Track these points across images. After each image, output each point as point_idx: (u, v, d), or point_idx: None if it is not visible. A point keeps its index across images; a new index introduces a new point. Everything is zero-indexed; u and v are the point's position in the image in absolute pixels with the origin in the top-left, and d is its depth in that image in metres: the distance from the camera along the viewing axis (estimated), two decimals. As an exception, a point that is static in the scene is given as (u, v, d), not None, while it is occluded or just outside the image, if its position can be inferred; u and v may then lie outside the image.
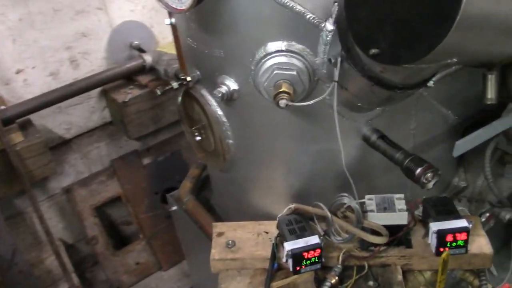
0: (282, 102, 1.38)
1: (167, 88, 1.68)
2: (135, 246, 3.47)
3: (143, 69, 3.14)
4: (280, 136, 1.67)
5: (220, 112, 1.68)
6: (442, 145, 1.95)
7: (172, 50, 3.28)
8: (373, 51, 1.24)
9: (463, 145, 1.58)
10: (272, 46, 1.45)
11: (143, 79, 3.16)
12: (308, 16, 1.39)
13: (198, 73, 1.69)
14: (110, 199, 3.38)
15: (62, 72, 3.07)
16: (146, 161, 3.50)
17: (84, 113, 3.25)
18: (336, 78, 1.39)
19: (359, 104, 1.52)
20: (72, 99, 3.05)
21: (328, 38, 1.40)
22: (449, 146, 1.99)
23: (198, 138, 1.78)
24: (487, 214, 1.97)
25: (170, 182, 3.49)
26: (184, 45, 1.75)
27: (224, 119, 1.68)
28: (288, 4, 1.37)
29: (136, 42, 3.22)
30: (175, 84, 1.66)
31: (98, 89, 3.18)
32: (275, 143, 1.69)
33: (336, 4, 1.38)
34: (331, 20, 1.39)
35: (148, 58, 3.13)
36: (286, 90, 1.39)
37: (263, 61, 1.45)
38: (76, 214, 3.30)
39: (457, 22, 1.05)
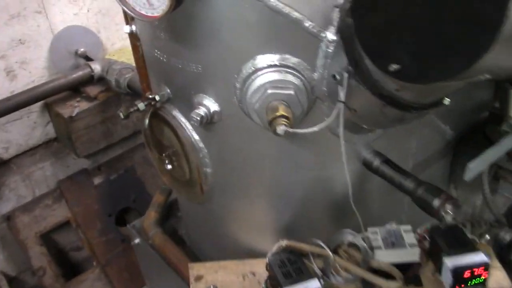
0: (281, 129, 1.13)
1: (131, 110, 1.40)
2: (88, 274, 3.13)
3: (91, 80, 2.83)
4: (267, 162, 1.43)
5: (196, 136, 1.42)
6: (438, 162, 1.78)
7: (122, 58, 2.99)
8: (394, 66, 1.02)
9: (476, 167, 1.40)
10: (263, 59, 1.21)
11: (92, 90, 2.84)
12: (306, 24, 1.15)
13: (168, 91, 1.42)
14: (58, 224, 3.03)
15: (-3, 85, 2.71)
16: (97, 180, 3.17)
17: (24, 130, 2.90)
18: (342, 98, 1.17)
19: (363, 126, 1.31)
20: (10, 115, 2.70)
21: (329, 50, 1.18)
22: (444, 163, 1.83)
23: (169, 166, 1.51)
24: (487, 237, 1.81)
25: (124, 202, 3.19)
26: (149, 58, 1.48)
27: (201, 144, 1.43)
28: (282, 9, 1.13)
29: (81, 50, 2.90)
30: (141, 105, 1.39)
31: (40, 102, 2.83)
32: (261, 171, 1.45)
33: (337, 9, 1.16)
34: (332, 29, 1.17)
35: (96, 67, 2.81)
36: (284, 113, 1.15)
37: (252, 78, 1.21)
38: (19, 243, 2.94)
39: (503, 31, 0.85)
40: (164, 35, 1.30)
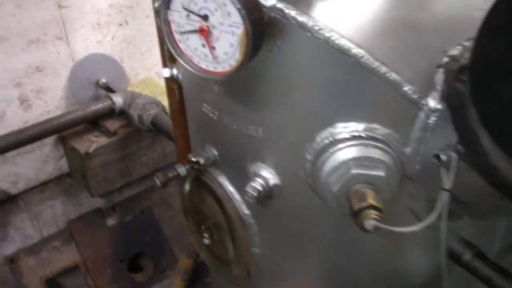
0: (370, 224, 0.87)
1: (170, 175, 1.15)
2: (95, 326, 2.86)
3: (111, 113, 2.60)
4: (331, 247, 1.16)
5: (246, 210, 1.16)
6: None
7: (146, 90, 2.75)
8: (534, 157, 0.76)
9: None
10: (344, 129, 0.95)
11: (112, 124, 2.61)
12: (405, 88, 0.91)
13: (215, 153, 1.17)
14: (65, 269, 2.77)
15: (10, 114, 2.49)
16: (110, 221, 2.91)
17: (35, 163, 2.66)
18: (448, 185, 0.91)
19: (463, 216, 1.05)
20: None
21: (430, 121, 0.93)
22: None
23: (207, 241, 1.25)
24: None
25: (139, 246, 2.93)
26: (193, 110, 1.24)
27: (252, 220, 1.17)
28: (378, 69, 0.89)
29: (103, 80, 2.67)
30: (182, 170, 1.15)
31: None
32: (323, 256, 1.19)
33: (441, 70, 0.92)
34: (436, 95, 0.92)
35: (118, 100, 2.58)
36: (374, 203, 0.89)
37: (330, 151, 0.95)
38: (21, 288, 2.67)
39: None
40: (218, 88, 1.05)
